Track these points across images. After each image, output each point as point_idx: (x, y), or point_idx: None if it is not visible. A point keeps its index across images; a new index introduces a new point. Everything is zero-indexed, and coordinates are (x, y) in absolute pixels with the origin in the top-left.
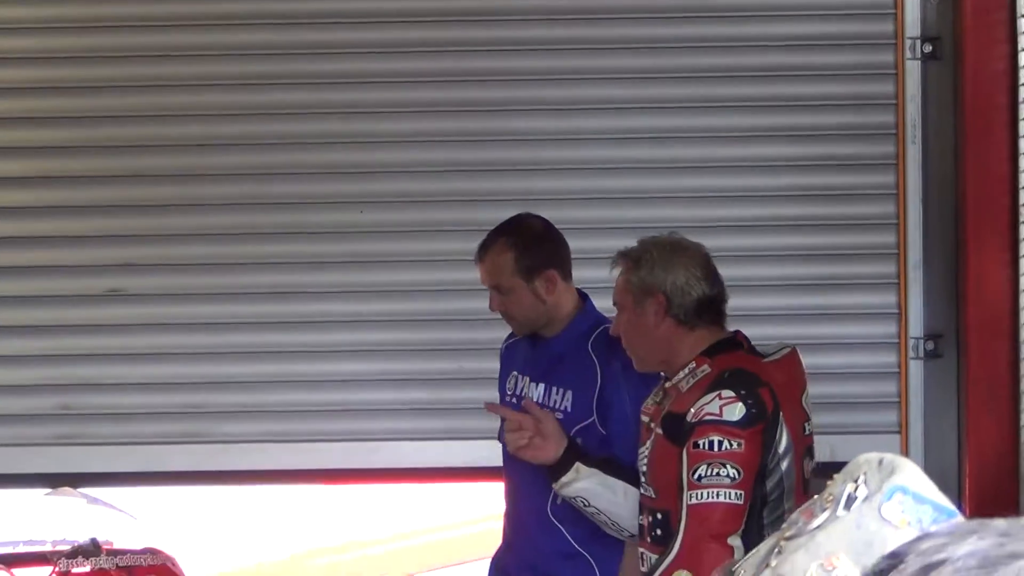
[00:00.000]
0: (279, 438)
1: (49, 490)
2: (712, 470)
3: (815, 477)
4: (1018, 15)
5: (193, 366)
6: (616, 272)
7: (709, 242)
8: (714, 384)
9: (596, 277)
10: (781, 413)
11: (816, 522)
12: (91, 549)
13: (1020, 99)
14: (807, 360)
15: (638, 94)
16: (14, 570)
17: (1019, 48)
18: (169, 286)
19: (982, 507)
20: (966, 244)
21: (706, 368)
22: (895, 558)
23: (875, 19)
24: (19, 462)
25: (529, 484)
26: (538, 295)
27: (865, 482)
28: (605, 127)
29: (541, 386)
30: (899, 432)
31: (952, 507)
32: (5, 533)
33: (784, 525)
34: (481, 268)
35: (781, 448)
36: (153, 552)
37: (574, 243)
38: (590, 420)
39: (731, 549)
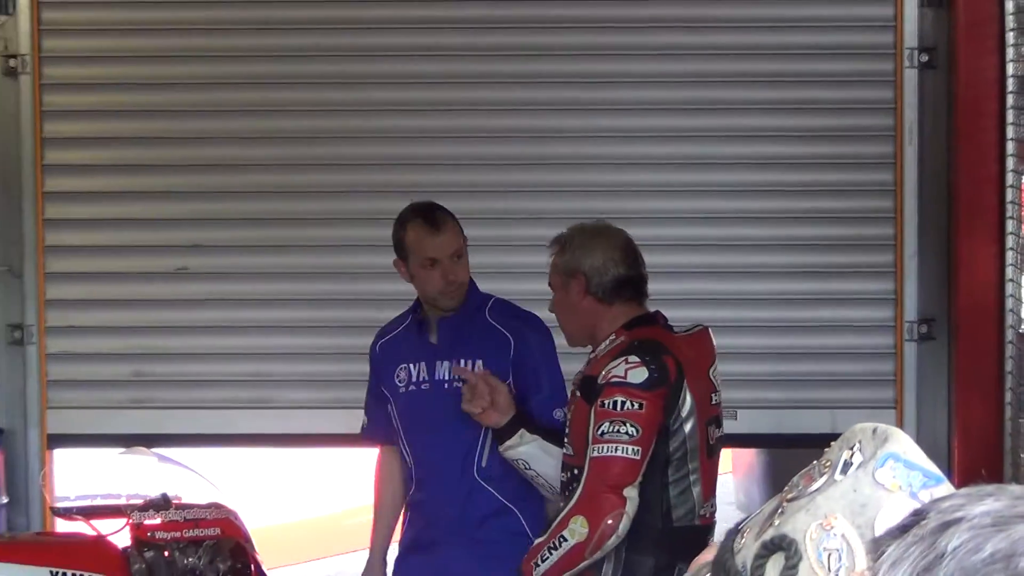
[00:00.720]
0: (334, 404)
1: (124, 449)
2: (614, 427)
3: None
4: (1007, 29)
5: (254, 338)
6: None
7: (722, 231)
8: (624, 350)
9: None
10: (685, 381)
11: (815, 485)
12: (162, 503)
13: (1008, 105)
14: (813, 341)
15: (653, 96)
16: (92, 521)
17: (1007, 59)
18: (232, 265)
19: (969, 477)
20: (957, 236)
21: (622, 339)
22: (919, 515)
23: (877, 31)
24: (97, 424)
25: (451, 458)
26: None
27: (860, 449)
28: (624, 126)
29: (446, 363)
30: (894, 408)
31: (940, 473)
32: (84, 488)
33: (786, 487)
34: (447, 236)
35: (684, 412)
36: (217, 507)
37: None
38: (506, 382)
39: (625, 500)
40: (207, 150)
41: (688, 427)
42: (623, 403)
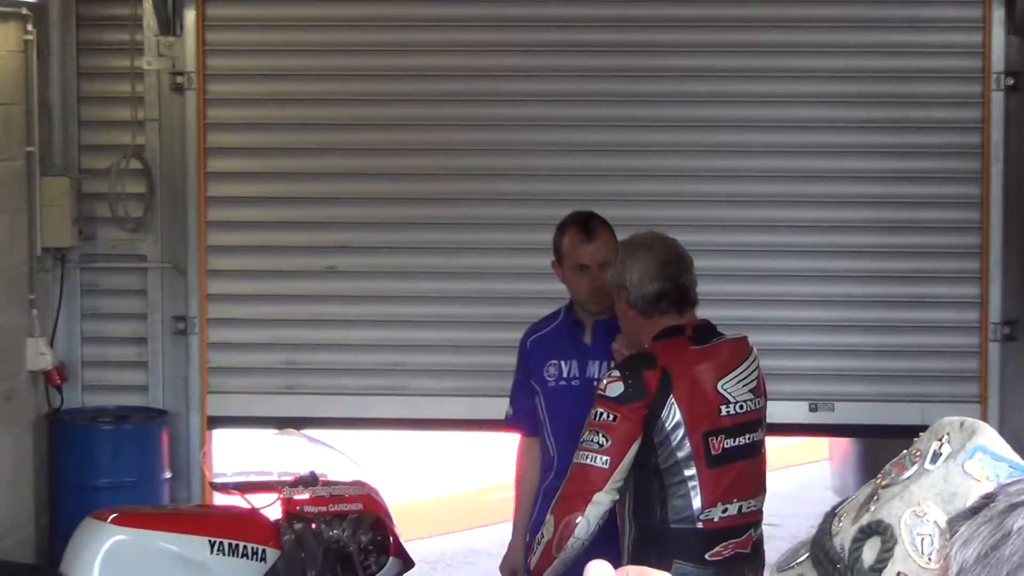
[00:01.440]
0: (463, 392)
1: (276, 431)
2: (590, 436)
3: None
4: None
5: (393, 331)
6: None
7: (826, 239)
8: (617, 364)
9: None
10: (672, 395)
11: (907, 474)
12: (310, 480)
13: None
14: (905, 340)
15: (772, 114)
16: (247, 496)
17: None
18: (376, 265)
19: None
20: None
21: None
22: (988, 498)
23: (967, 56)
24: (252, 407)
25: None
26: None
27: (948, 441)
28: (745, 142)
29: (597, 362)
30: (979, 402)
31: None
32: (240, 465)
33: (879, 475)
34: (598, 244)
35: (669, 425)
36: (360, 484)
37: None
38: None
39: (587, 503)
40: (354, 160)
41: (676, 439)
42: (601, 414)
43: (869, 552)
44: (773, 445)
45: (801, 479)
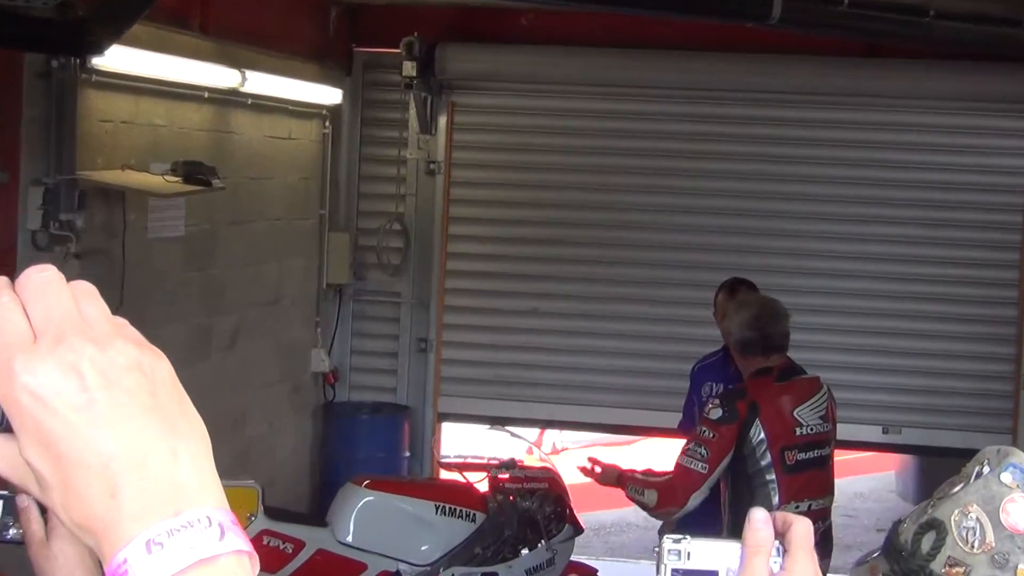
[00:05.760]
0: (629, 406)
1: (488, 426)
2: (695, 447)
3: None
4: None
5: (579, 357)
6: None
7: (901, 306)
8: (719, 395)
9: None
10: (758, 419)
11: (956, 488)
12: (510, 464)
13: None
14: (955, 384)
15: (865, 212)
16: (464, 473)
17: None
18: (568, 309)
19: None
20: None
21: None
22: None
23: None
24: (471, 407)
25: None
26: None
27: (988, 462)
28: (847, 232)
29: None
30: (1010, 434)
31: None
32: (460, 450)
33: (935, 492)
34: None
35: (755, 442)
36: (547, 469)
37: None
38: None
39: (687, 501)
40: (554, 231)
41: (760, 451)
42: (703, 431)
43: (926, 543)
44: (854, 456)
45: (874, 484)
